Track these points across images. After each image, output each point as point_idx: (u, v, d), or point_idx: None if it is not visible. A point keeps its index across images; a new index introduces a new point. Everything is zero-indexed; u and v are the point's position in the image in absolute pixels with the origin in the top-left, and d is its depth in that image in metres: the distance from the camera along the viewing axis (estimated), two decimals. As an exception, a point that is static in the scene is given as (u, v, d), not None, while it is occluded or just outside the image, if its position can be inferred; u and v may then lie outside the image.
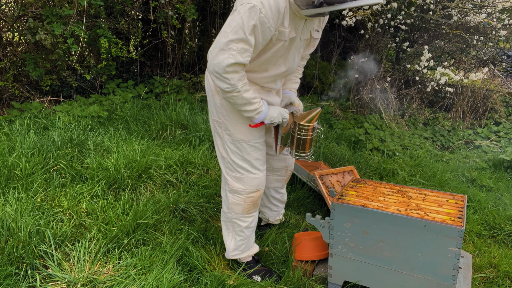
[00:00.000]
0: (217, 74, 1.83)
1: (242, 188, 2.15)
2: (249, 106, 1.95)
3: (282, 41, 1.90)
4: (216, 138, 2.19)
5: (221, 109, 2.08)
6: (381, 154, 4.40)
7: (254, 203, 2.21)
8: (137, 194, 2.88)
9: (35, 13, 4.06)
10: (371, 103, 5.31)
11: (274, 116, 2.07)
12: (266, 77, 2.06)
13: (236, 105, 1.95)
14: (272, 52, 1.93)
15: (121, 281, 1.94)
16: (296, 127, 2.17)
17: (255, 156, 2.13)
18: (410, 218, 1.91)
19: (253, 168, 2.14)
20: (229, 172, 2.17)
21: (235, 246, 2.27)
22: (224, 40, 1.77)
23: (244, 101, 1.92)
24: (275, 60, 2.00)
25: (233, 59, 1.78)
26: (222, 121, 2.10)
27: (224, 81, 1.83)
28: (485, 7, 4.71)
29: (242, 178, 2.14)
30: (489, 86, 5.80)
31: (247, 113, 1.98)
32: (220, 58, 1.79)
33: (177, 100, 5.01)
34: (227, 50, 1.77)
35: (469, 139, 5.09)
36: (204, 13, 6.12)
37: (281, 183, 2.58)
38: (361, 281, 2.11)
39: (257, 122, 2.05)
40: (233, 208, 2.20)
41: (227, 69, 1.80)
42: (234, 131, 2.09)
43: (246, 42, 1.77)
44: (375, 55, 5.56)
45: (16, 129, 3.56)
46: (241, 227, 2.23)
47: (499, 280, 2.46)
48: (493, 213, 3.24)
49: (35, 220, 2.27)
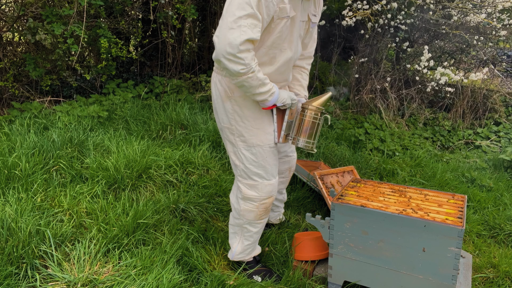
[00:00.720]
0: (231, 56, 1.75)
1: (256, 195, 2.11)
2: (263, 88, 1.89)
3: (284, 19, 1.87)
4: (228, 146, 2.13)
5: (234, 115, 2.02)
6: (381, 154, 4.40)
7: (267, 209, 2.18)
8: (137, 194, 2.88)
9: (35, 13, 4.06)
10: (371, 103, 5.31)
11: (285, 97, 2.02)
12: (277, 69, 2.01)
13: (251, 88, 1.87)
14: (276, 33, 1.89)
15: (121, 281, 1.94)
16: (305, 111, 2.11)
17: (271, 162, 2.09)
18: (410, 218, 1.91)
19: (268, 174, 2.09)
20: (242, 180, 2.12)
21: (241, 249, 2.25)
22: (231, 19, 1.72)
23: (259, 82, 1.86)
24: (281, 42, 1.94)
25: (245, 35, 1.72)
26: (235, 127, 2.04)
27: (239, 61, 1.76)
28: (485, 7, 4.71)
29: (256, 186, 2.09)
30: (489, 86, 5.80)
31: (261, 95, 1.91)
32: (231, 37, 1.72)
33: (177, 100, 5.01)
34: (237, 28, 1.72)
35: (469, 139, 5.09)
36: (204, 13, 6.12)
37: (284, 184, 2.59)
38: (361, 281, 2.11)
39: (269, 105, 1.99)
40: (245, 215, 2.16)
41: (241, 47, 1.73)
42: (250, 137, 2.04)
43: (255, 17, 1.74)
44: (375, 55, 5.56)
45: (16, 129, 3.56)
46: (251, 232, 2.21)
47: (499, 280, 2.46)
48: (493, 213, 3.24)
49: (35, 220, 2.27)
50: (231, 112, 2.03)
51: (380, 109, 5.17)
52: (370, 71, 5.45)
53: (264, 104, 1.99)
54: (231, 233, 2.29)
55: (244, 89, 1.90)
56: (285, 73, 2.10)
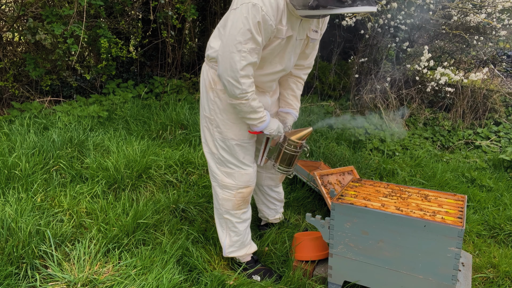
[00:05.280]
0: (232, 79, 1.84)
1: (232, 183, 2.17)
2: (254, 115, 1.98)
3: (279, 39, 1.91)
4: (206, 134, 2.19)
5: (214, 106, 2.09)
6: (381, 154, 4.39)
7: (244, 199, 2.22)
8: (137, 194, 2.88)
9: (35, 13, 4.06)
10: (371, 103, 5.30)
11: (273, 129, 2.11)
12: (261, 75, 2.06)
13: (241, 112, 1.97)
14: (269, 49, 1.94)
15: (121, 281, 1.94)
16: (285, 141, 2.21)
17: (243, 155, 2.16)
18: (410, 218, 1.91)
19: (243, 164, 2.16)
20: (220, 167, 2.18)
21: (230, 242, 2.28)
22: (232, 43, 1.78)
23: (250, 109, 1.95)
24: (271, 58, 2.01)
25: (245, 61, 1.80)
26: (214, 118, 2.11)
27: (237, 86, 1.85)
28: (485, 7, 4.71)
29: (233, 174, 2.16)
30: (489, 86, 5.79)
31: (250, 120, 2.01)
32: (232, 61, 1.80)
33: (177, 100, 5.01)
34: (237, 53, 1.79)
35: (469, 139, 5.09)
36: (204, 13, 6.12)
37: (275, 181, 2.59)
38: (361, 281, 2.11)
39: (257, 130, 2.08)
40: (224, 204, 2.22)
41: (242, 72, 1.82)
42: (225, 130, 2.10)
43: (254, 42, 1.79)
44: (375, 55, 5.56)
45: (16, 129, 3.56)
46: (233, 223, 2.25)
47: (499, 280, 2.46)
48: (493, 213, 3.24)
49: (35, 220, 2.27)
50: (212, 103, 2.10)
51: (380, 109, 5.17)
52: (370, 71, 5.45)
53: (251, 128, 2.08)
54: (218, 228, 2.33)
55: (236, 110, 2.00)
56: (268, 83, 2.15)
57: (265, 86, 2.15)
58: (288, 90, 2.33)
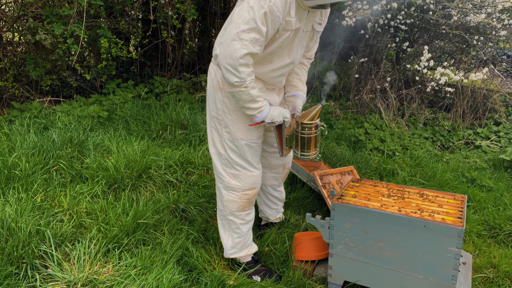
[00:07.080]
0: (229, 66, 1.81)
1: (238, 185, 2.16)
2: (253, 104, 1.95)
3: (288, 31, 1.90)
4: (214, 135, 2.18)
5: (223, 106, 2.08)
6: (381, 154, 4.39)
7: (249, 200, 2.22)
8: (137, 194, 2.88)
9: (35, 13, 4.06)
10: (371, 103, 5.30)
11: (275, 115, 2.07)
12: (271, 71, 2.05)
13: (240, 101, 1.94)
14: (278, 43, 1.93)
15: (121, 281, 1.94)
16: (299, 126, 2.17)
17: (251, 156, 2.15)
18: (410, 218, 1.91)
19: (250, 165, 2.15)
20: (226, 169, 2.17)
21: (232, 244, 2.27)
22: (235, 31, 1.77)
23: (249, 98, 1.92)
24: (280, 51, 2.00)
25: (245, 50, 1.78)
26: (223, 118, 2.10)
27: (235, 74, 1.82)
28: (485, 7, 4.71)
29: (239, 175, 2.15)
30: (489, 86, 5.79)
31: (249, 110, 1.98)
32: (232, 48, 1.78)
33: (177, 100, 5.01)
34: (239, 41, 1.77)
35: (469, 139, 5.09)
36: (204, 13, 6.12)
37: (278, 181, 2.59)
38: (361, 281, 2.11)
39: (258, 121, 2.05)
40: (228, 206, 2.21)
41: (241, 60, 1.79)
42: (234, 130, 2.09)
43: (258, 32, 1.78)
44: (375, 55, 5.56)
45: (16, 129, 3.56)
46: (237, 224, 2.24)
47: (499, 280, 2.46)
48: (493, 213, 3.24)
49: (35, 220, 2.27)
50: (220, 103, 2.08)
51: (380, 109, 5.17)
52: (370, 71, 5.45)
53: (252, 119, 2.06)
54: (220, 229, 2.32)
55: (235, 99, 1.97)
56: (278, 78, 2.14)
57: (275, 82, 2.14)
58: (293, 75, 2.34)
